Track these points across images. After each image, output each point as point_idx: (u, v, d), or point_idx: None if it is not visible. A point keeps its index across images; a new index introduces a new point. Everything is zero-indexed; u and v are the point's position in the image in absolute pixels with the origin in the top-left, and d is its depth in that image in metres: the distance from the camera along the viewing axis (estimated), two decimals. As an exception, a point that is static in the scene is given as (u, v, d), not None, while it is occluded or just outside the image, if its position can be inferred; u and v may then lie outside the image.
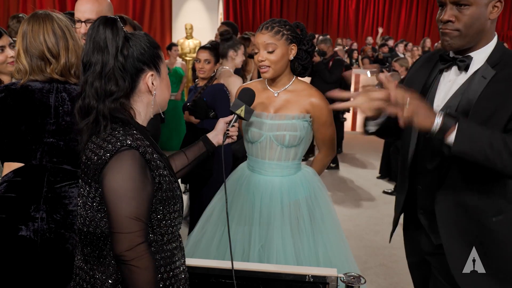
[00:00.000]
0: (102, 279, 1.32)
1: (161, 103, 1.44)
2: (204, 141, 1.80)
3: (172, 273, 1.37)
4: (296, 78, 2.21)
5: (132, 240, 1.23)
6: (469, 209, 1.64)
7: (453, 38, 1.59)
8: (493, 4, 1.55)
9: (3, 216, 1.76)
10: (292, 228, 2.11)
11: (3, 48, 2.35)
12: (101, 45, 1.29)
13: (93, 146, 1.31)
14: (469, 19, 1.55)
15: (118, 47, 1.30)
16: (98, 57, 1.30)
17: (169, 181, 1.37)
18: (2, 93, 1.79)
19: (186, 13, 11.23)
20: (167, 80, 1.45)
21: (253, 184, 2.19)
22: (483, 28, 1.58)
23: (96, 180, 1.29)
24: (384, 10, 16.10)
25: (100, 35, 1.30)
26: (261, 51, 2.09)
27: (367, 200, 5.39)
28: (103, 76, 1.30)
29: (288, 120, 2.12)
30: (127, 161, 1.26)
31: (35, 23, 1.79)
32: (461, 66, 1.63)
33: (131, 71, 1.33)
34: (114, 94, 1.31)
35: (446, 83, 1.69)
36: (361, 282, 1.62)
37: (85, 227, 1.35)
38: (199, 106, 3.49)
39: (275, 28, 2.08)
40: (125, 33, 1.34)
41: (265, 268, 1.73)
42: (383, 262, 3.80)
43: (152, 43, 1.38)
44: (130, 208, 1.24)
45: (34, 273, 1.76)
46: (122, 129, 1.31)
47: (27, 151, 1.79)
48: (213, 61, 3.60)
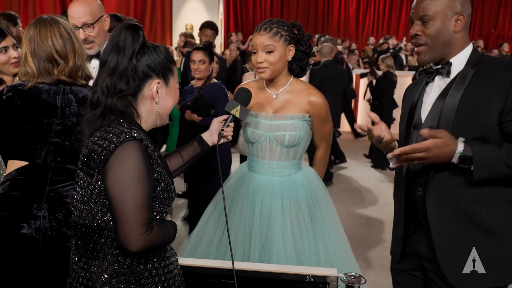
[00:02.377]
0: (97, 272, 1.34)
1: (162, 112, 1.47)
2: (199, 141, 1.81)
3: (166, 269, 1.41)
4: (294, 78, 2.21)
5: (142, 227, 1.27)
6: (460, 202, 1.66)
7: (423, 54, 1.74)
8: (455, 18, 1.69)
9: (6, 214, 1.78)
10: (293, 228, 2.11)
11: (6, 48, 2.36)
12: (120, 46, 1.37)
13: (96, 138, 1.34)
14: (433, 32, 1.70)
15: (134, 51, 1.37)
16: (114, 56, 1.37)
17: (167, 182, 1.40)
18: (9, 92, 1.82)
19: (186, 13, 11.24)
20: (174, 93, 1.49)
21: (253, 184, 2.19)
22: (449, 40, 1.71)
23: (99, 171, 1.31)
24: (384, 10, 16.11)
25: (121, 37, 1.38)
26: (259, 52, 2.09)
27: (367, 200, 5.39)
28: (115, 74, 1.37)
29: (288, 120, 2.12)
30: (133, 151, 1.29)
31: (42, 27, 1.83)
32: (443, 72, 1.74)
33: (139, 75, 1.39)
34: (123, 92, 1.37)
35: (432, 90, 1.78)
36: (361, 282, 1.62)
37: (81, 219, 1.36)
38: (201, 104, 3.51)
39: (273, 29, 2.07)
40: (145, 41, 1.41)
41: (265, 268, 1.73)
42: (383, 262, 3.80)
43: (168, 57, 1.45)
44: (138, 197, 1.27)
45: (36, 271, 1.78)
46: (127, 124, 1.35)
47: (32, 150, 1.82)
48: (207, 61, 3.62)
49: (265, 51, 2.07)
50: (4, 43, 2.35)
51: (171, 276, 1.41)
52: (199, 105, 3.52)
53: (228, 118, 1.81)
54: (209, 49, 3.70)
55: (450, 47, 1.71)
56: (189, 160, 1.78)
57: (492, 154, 1.58)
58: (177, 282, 1.44)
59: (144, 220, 1.28)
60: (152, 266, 1.36)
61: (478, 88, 1.63)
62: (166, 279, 1.39)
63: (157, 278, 1.37)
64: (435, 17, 1.68)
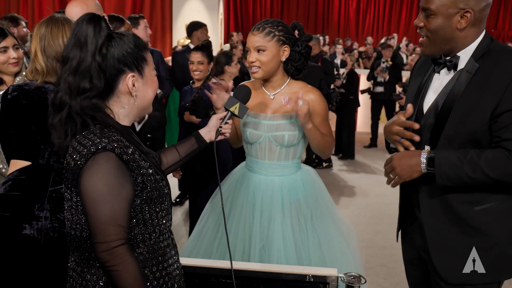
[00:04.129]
0: (93, 280, 1.32)
1: (143, 105, 1.42)
2: (196, 137, 1.78)
3: (165, 272, 1.37)
4: (291, 79, 2.20)
5: (108, 243, 1.23)
6: (452, 200, 1.68)
7: (424, 46, 1.72)
8: (460, 14, 1.61)
9: (7, 215, 1.78)
10: (293, 227, 2.11)
11: (6, 49, 2.37)
12: (81, 41, 1.28)
13: (71, 150, 1.30)
14: (434, 27, 1.65)
15: (97, 46, 1.28)
16: (76, 53, 1.29)
17: (155, 180, 1.35)
18: (15, 92, 1.82)
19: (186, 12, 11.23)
20: (152, 82, 1.42)
21: (253, 184, 2.19)
22: (451, 37, 1.65)
23: (75, 185, 1.29)
24: (384, 10, 16.11)
25: (82, 31, 1.29)
26: (251, 52, 2.10)
27: (367, 200, 5.39)
28: (78, 72, 1.29)
29: (287, 120, 2.12)
30: (101, 164, 1.24)
31: (54, 26, 1.84)
32: (450, 66, 1.71)
33: (110, 71, 1.31)
34: (87, 92, 1.29)
35: (437, 82, 1.76)
36: (361, 282, 1.62)
37: (72, 230, 1.35)
38: (200, 105, 3.50)
39: (266, 29, 2.07)
40: (110, 32, 1.33)
41: (265, 268, 1.73)
42: (383, 262, 3.80)
43: (137, 45, 1.36)
44: (105, 212, 1.23)
45: (38, 272, 1.78)
46: (99, 131, 1.29)
47: (36, 150, 1.82)
48: (206, 61, 3.59)
49: (256, 51, 2.08)
50: (4, 43, 2.36)
51: (169, 279, 1.38)
52: (197, 107, 3.51)
53: (227, 115, 1.81)
54: (207, 49, 3.67)
55: (454, 44, 1.67)
56: (185, 156, 1.76)
57: (455, 164, 1.59)
58: (176, 284, 1.41)
59: (112, 235, 1.23)
60: (149, 271, 1.33)
61: (477, 87, 1.61)
62: (164, 282, 1.36)
63: (155, 282, 1.34)
64: (437, 12, 1.63)
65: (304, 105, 1.94)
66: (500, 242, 1.67)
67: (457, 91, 1.64)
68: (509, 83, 1.56)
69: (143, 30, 4.22)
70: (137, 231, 1.33)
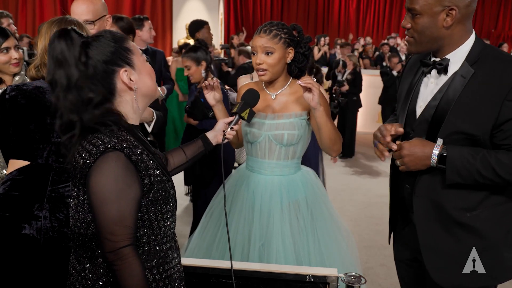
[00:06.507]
0: (93, 279, 1.32)
1: (147, 93, 1.41)
2: (203, 140, 1.81)
3: (165, 274, 1.37)
4: (293, 80, 2.22)
5: (115, 243, 1.23)
6: (445, 205, 1.68)
7: (410, 45, 1.71)
8: (446, 12, 1.59)
9: (6, 215, 1.78)
10: (292, 227, 2.12)
11: (8, 49, 2.38)
12: (60, 59, 1.28)
13: (81, 148, 1.30)
14: (420, 27, 1.63)
15: (75, 57, 1.28)
16: (60, 72, 1.28)
17: (161, 181, 1.35)
18: (13, 92, 1.82)
19: (186, 13, 11.25)
20: (146, 69, 1.41)
21: (253, 184, 2.20)
22: (438, 36, 1.63)
23: (83, 184, 1.29)
24: (384, 10, 16.12)
25: (56, 50, 1.29)
26: (259, 54, 2.10)
27: (367, 200, 5.39)
28: (73, 88, 1.28)
29: (286, 119, 2.14)
30: (110, 163, 1.24)
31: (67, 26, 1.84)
32: (440, 69, 1.68)
33: (100, 75, 1.31)
34: (93, 100, 1.30)
35: (428, 85, 1.74)
36: (361, 282, 1.63)
37: (77, 228, 1.35)
38: (197, 108, 3.49)
39: (273, 31, 2.09)
40: (83, 40, 1.32)
41: (265, 268, 1.74)
42: (383, 262, 3.80)
43: (115, 39, 1.35)
44: (113, 212, 1.23)
45: (37, 272, 1.78)
46: (108, 131, 1.29)
47: (34, 149, 1.82)
48: (193, 65, 3.53)
49: (264, 53, 2.09)
50: (6, 44, 2.38)
51: (170, 281, 1.38)
52: (195, 109, 3.50)
53: (234, 119, 1.83)
54: (193, 52, 3.57)
55: (441, 42, 1.65)
56: (192, 158, 1.78)
57: (467, 160, 1.58)
58: (176, 286, 1.41)
59: (118, 236, 1.23)
60: (149, 272, 1.33)
61: (474, 93, 1.59)
62: (164, 284, 1.36)
63: (154, 284, 1.34)
64: (422, 12, 1.60)
65: (316, 84, 1.94)
66: (494, 246, 1.66)
67: (452, 96, 1.62)
68: (508, 91, 1.54)
69: (147, 31, 4.21)
70: (142, 232, 1.33)
